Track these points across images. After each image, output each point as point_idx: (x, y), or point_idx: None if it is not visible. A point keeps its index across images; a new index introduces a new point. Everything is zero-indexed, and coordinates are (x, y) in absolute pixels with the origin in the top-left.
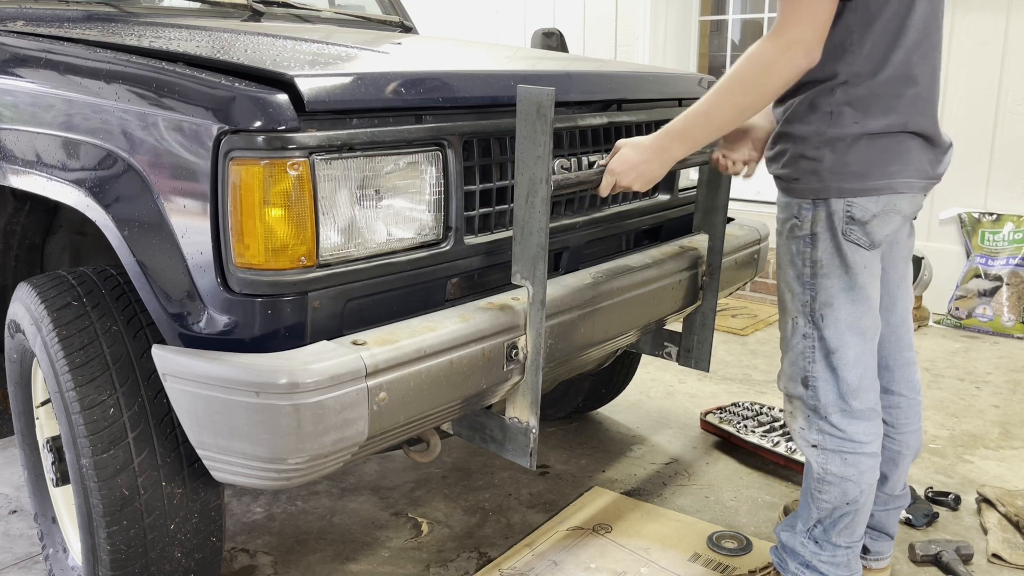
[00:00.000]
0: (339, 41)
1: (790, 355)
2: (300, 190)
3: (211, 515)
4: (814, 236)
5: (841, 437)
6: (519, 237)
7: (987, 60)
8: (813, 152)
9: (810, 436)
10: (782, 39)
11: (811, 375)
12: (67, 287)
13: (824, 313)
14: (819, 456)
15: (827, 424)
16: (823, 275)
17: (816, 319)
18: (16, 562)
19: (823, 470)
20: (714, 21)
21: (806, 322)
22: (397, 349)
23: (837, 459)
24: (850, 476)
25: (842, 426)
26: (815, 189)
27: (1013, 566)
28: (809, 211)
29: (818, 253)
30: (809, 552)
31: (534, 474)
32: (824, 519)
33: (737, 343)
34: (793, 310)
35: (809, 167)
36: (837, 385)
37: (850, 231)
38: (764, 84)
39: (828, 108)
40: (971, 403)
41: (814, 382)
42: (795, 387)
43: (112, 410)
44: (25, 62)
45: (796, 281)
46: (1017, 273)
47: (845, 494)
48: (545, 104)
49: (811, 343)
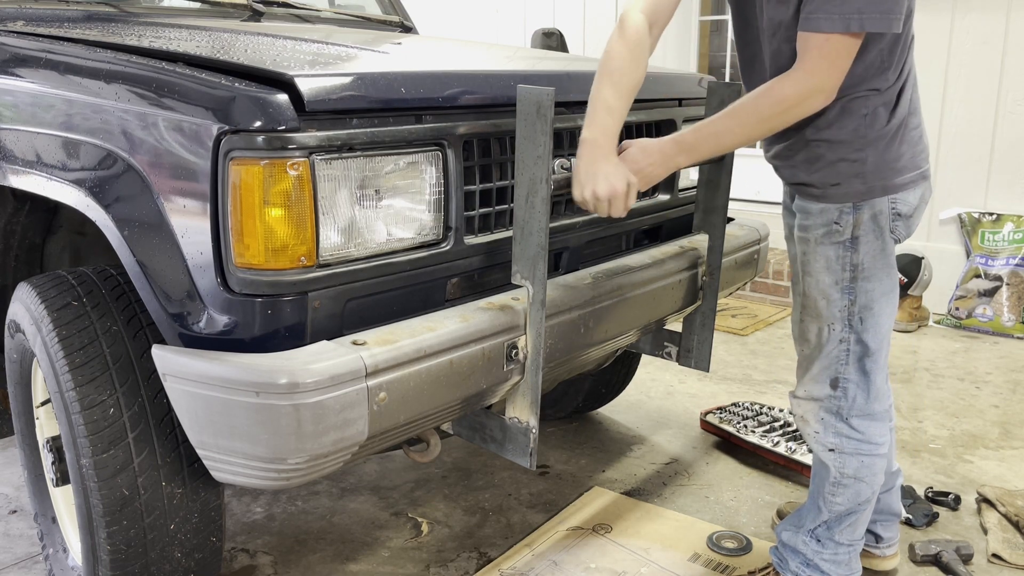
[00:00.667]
0: (339, 41)
1: (820, 360)
2: (300, 190)
3: (211, 515)
4: (855, 240)
5: (859, 439)
6: (519, 237)
7: (987, 60)
8: (855, 155)
9: (827, 440)
10: (805, 85)
11: (843, 377)
12: (67, 287)
13: (864, 316)
14: (837, 459)
15: (846, 427)
16: (864, 278)
17: (855, 323)
18: (16, 562)
19: (840, 473)
20: (714, 21)
21: (843, 327)
22: (397, 349)
23: (855, 462)
24: (864, 478)
25: (861, 428)
26: (859, 192)
27: (1013, 566)
28: (851, 215)
29: (859, 256)
30: (811, 550)
31: (534, 474)
32: (831, 519)
33: (737, 343)
34: (828, 317)
35: (852, 170)
36: (867, 388)
37: (895, 227)
38: (778, 121)
39: (864, 111)
40: (971, 403)
41: (844, 384)
42: (821, 388)
43: (112, 410)
44: (25, 62)
45: (834, 287)
46: (1017, 273)
47: (858, 495)
48: (545, 104)
49: (846, 347)
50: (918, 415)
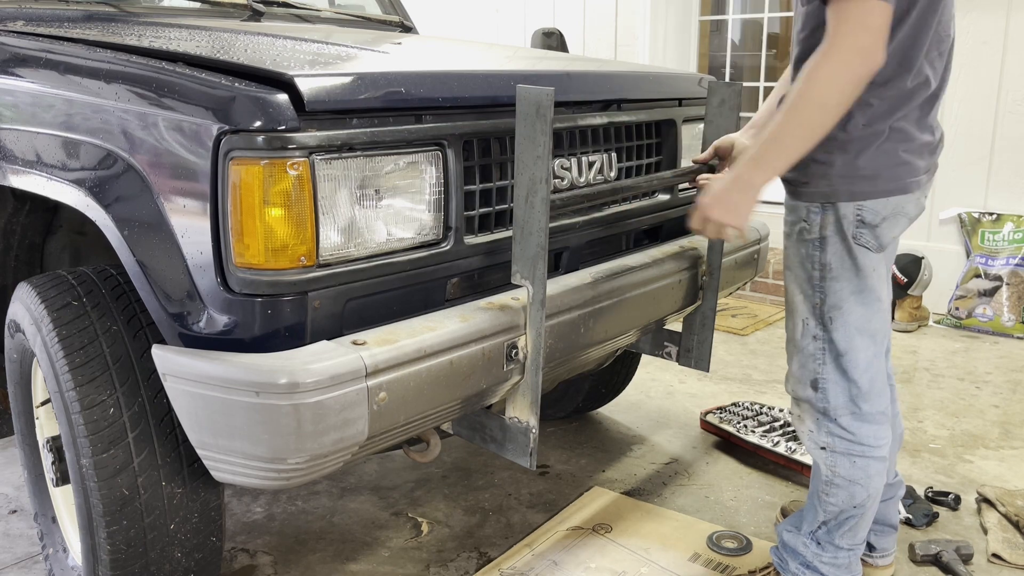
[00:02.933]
0: (339, 41)
1: (799, 357)
2: (300, 190)
3: (211, 515)
4: (823, 240)
5: (850, 440)
6: (519, 237)
7: (987, 60)
8: (823, 156)
9: (819, 438)
10: (836, 50)
11: (821, 377)
12: (67, 287)
13: (833, 316)
14: (828, 458)
15: (836, 426)
16: (832, 278)
17: (826, 321)
18: (16, 562)
19: (831, 472)
20: (714, 21)
21: (816, 324)
22: (397, 349)
23: (846, 462)
24: (858, 479)
25: (852, 428)
26: (824, 193)
27: (1013, 566)
28: (818, 215)
29: (827, 256)
30: (811, 553)
31: (534, 474)
32: (829, 521)
33: (737, 343)
34: (803, 311)
35: (819, 171)
36: (848, 388)
37: (860, 235)
38: (827, 99)
39: None
40: (971, 403)
41: (824, 384)
42: (804, 390)
43: (112, 410)
44: (25, 62)
45: (806, 283)
46: (1017, 273)
47: (852, 497)
48: (545, 104)
49: (821, 345)
50: (918, 415)
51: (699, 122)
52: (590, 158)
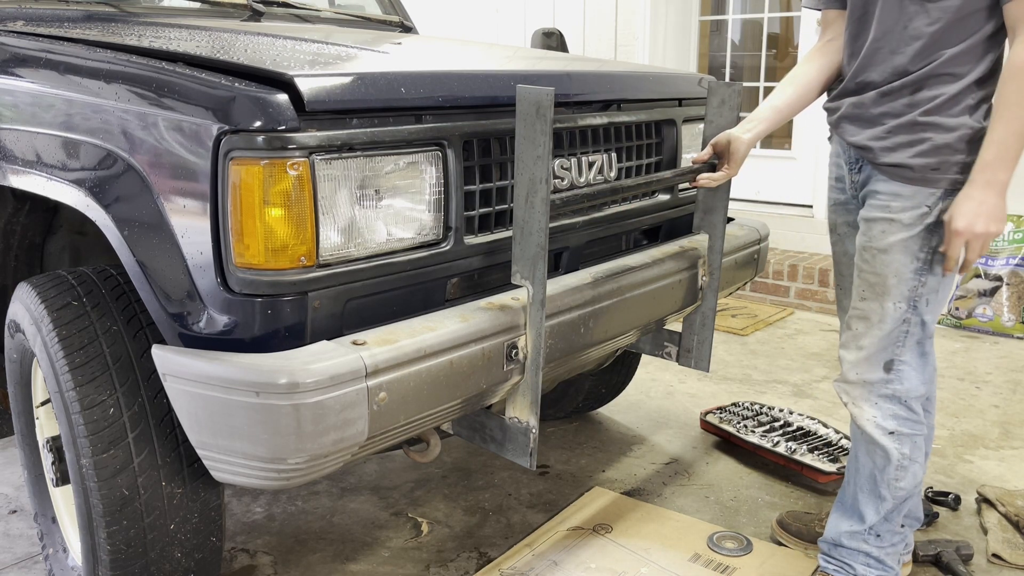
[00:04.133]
0: (339, 41)
1: (879, 341)
2: (300, 190)
3: (211, 515)
4: (939, 224)
5: (916, 420)
6: (519, 237)
7: None
8: (960, 144)
9: (886, 423)
10: None
11: (898, 359)
12: (67, 287)
13: (930, 299)
14: (897, 443)
15: (905, 409)
16: (937, 261)
17: (920, 304)
18: (16, 562)
19: (901, 455)
20: (714, 21)
21: (908, 307)
22: (397, 349)
23: (910, 443)
24: (918, 459)
25: (917, 409)
26: (953, 180)
27: (1013, 566)
28: (940, 201)
29: (935, 240)
30: (873, 546)
31: (534, 474)
32: (896, 507)
33: (737, 343)
34: (896, 295)
35: (953, 159)
36: (923, 370)
37: None
38: None
39: (971, 101)
40: (971, 403)
41: (899, 367)
42: (873, 372)
43: (112, 410)
44: (25, 62)
45: (907, 267)
46: (1017, 273)
47: (916, 476)
48: (545, 104)
49: (906, 328)
50: None
51: (699, 122)
52: (590, 158)
